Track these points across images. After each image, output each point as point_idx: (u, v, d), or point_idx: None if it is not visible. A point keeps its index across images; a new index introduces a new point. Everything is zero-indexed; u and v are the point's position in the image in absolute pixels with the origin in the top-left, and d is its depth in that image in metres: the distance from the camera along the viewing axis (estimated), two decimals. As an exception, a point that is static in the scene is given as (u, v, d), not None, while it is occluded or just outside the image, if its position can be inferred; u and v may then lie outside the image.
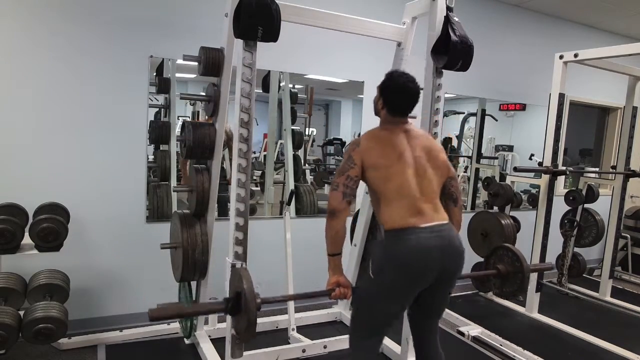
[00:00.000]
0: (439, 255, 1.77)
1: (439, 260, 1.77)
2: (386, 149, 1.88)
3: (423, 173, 1.88)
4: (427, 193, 1.85)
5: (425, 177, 1.88)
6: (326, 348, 2.87)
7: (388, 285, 1.80)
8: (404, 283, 1.78)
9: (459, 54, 2.28)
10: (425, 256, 1.75)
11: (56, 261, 2.67)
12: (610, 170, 4.75)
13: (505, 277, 2.35)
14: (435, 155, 1.95)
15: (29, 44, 2.71)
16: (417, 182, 1.85)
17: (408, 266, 1.75)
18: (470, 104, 5.00)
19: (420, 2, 2.58)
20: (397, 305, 1.87)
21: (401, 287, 1.80)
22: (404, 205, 1.80)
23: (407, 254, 1.75)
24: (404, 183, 1.83)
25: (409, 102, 1.94)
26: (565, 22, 4.89)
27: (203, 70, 2.49)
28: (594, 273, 4.97)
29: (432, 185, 1.89)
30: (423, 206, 1.81)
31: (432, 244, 1.76)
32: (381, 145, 1.89)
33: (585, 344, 3.26)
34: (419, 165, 1.88)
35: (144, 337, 2.98)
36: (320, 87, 3.98)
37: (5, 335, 2.23)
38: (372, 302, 1.87)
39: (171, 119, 3.34)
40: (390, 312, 1.88)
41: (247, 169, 2.16)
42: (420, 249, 1.75)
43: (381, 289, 1.82)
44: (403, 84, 1.92)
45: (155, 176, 3.25)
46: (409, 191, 1.82)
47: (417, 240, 1.75)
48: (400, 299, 1.85)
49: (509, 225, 3.63)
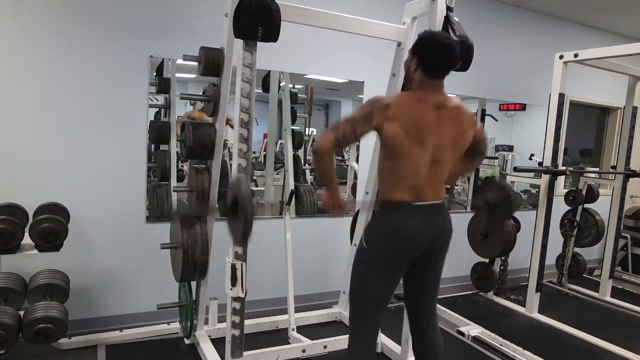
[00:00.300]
0: (428, 233, 1.83)
1: (427, 238, 1.83)
2: (413, 127, 1.75)
3: (441, 160, 1.83)
4: (435, 177, 1.85)
5: (441, 164, 1.84)
6: (326, 348, 2.87)
7: (379, 252, 1.84)
8: (394, 251, 1.83)
9: (459, 54, 2.28)
10: (414, 232, 1.81)
11: (56, 261, 2.67)
12: (610, 170, 4.75)
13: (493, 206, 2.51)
14: (461, 139, 1.87)
15: (29, 44, 2.71)
16: (430, 168, 1.82)
17: (398, 235, 1.81)
18: (470, 104, 4.99)
19: (420, 2, 2.58)
20: (389, 276, 1.87)
21: (391, 255, 1.84)
22: (408, 184, 1.81)
23: (398, 225, 1.81)
24: (417, 169, 1.80)
25: (447, 60, 1.79)
26: (565, 22, 4.89)
27: (203, 70, 2.49)
28: (594, 273, 4.97)
29: (443, 171, 1.87)
30: (424, 187, 1.82)
31: (423, 223, 1.82)
32: (409, 120, 1.74)
33: (585, 344, 3.26)
34: (439, 152, 1.82)
35: (144, 337, 2.98)
36: (320, 87, 3.98)
37: (5, 335, 2.23)
38: (366, 275, 1.89)
39: (171, 119, 3.34)
40: (382, 285, 1.87)
41: (247, 169, 2.17)
42: (411, 224, 1.81)
43: (373, 256, 1.86)
44: (438, 39, 1.80)
45: (155, 176, 3.25)
46: (418, 175, 1.81)
47: (409, 215, 1.82)
48: (390, 267, 1.86)
49: (509, 225, 3.63)
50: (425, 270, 1.96)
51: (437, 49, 1.78)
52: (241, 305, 2.21)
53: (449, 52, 1.79)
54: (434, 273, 2.00)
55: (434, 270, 1.99)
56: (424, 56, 1.79)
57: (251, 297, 2.65)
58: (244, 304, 2.24)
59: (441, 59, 1.79)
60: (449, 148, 1.84)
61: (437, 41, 1.79)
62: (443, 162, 1.85)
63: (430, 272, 1.98)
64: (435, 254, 1.92)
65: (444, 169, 1.87)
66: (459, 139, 1.87)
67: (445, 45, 1.78)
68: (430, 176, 1.83)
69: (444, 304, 3.81)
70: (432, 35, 1.82)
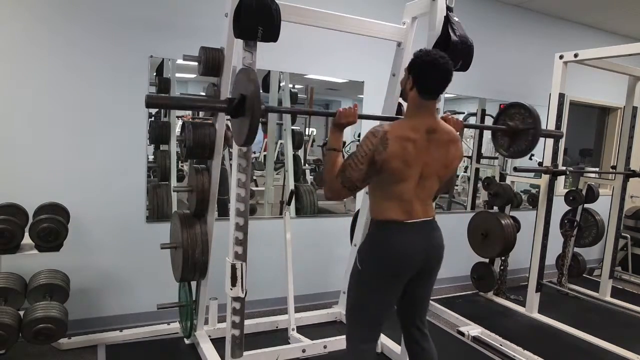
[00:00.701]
0: (422, 251, 1.85)
1: (421, 256, 1.85)
2: (408, 159, 1.77)
3: (429, 181, 1.87)
4: (424, 196, 1.88)
5: (429, 184, 1.88)
6: (326, 348, 2.87)
7: (375, 273, 1.84)
8: (390, 271, 1.83)
9: (459, 54, 2.28)
10: (409, 251, 1.82)
11: (56, 261, 2.67)
12: (610, 170, 4.75)
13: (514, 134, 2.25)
14: (450, 164, 1.91)
15: (29, 44, 2.71)
16: (419, 188, 1.85)
17: (394, 255, 1.81)
18: (470, 104, 4.99)
19: (420, 2, 2.58)
20: (386, 295, 1.89)
21: (387, 275, 1.84)
22: (399, 204, 1.83)
23: (393, 245, 1.82)
24: (408, 189, 1.82)
25: (440, 81, 1.80)
26: (565, 22, 4.89)
27: (203, 70, 2.49)
28: (594, 273, 4.97)
29: (432, 190, 1.91)
30: (415, 205, 1.85)
31: (416, 241, 1.84)
32: (406, 150, 1.76)
33: (585, 344, 3.26)
34: (429, 175, 1.86)
35: (144, 337, 2.98)
36: (320, 87, 3.98)
37: (5, 335, 2.23)
38: (361, 293, 1.89)
39: (171, 119, 3.33)
40: (379, 303, 1.88)
41: (247, 169, 2.17)
42: (405, 243, 1.82)
43: (368, 278, 1.86)
44: (434, 59, 1.77)
45: (155, 176, 3.25)
46: (409, 195, 1.83)
47: (403, 234, 1.83)
48: (384, 287, 1.87)
49: (509, 225, 3.63)
50: (419, 287, 1.96)
51: (433, 72, 1.78)
52: (241, 305, 2.21)
53: (445, 73, 1.79)
54: (426, 288, 2.01)
55: (427, 285, 2.00)
56: (419, 77, 1.80)
57: (251, 297, 2.65)
58: (244, 304, 2.24)
59: (436, 81, 1.80)
60: (439, 169, 1.87)
61: (433, 64, 1.77)
62: (430, 182, 1.88)
63: (423, 287, 1.99)
64: (429, 270, 1.93)
65: (432, 188, 1.91)
66: (449, 159, 1.90)
67: (440, 67, 1.77)
68: (419, 194, 1.85)
69: (444, 304, 3.81)
70: (427, 56, 1.79)
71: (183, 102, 2.15)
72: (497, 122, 2.39)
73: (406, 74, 1.87)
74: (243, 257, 2.19)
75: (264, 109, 1.75)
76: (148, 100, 1.79)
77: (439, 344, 3.20)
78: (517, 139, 2.29)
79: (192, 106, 2.22)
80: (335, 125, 1.94)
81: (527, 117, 2.26)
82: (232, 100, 1.87)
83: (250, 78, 1.83)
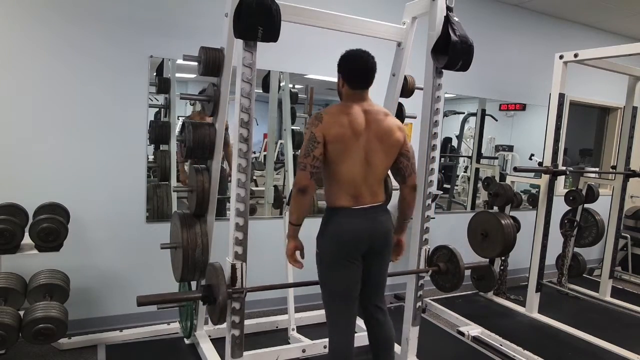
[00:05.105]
0: (366, 235, 2.04)
1: (366, 239, 2.04)
2: (345, 126, 1.98)
3: (372, 160, 2.04)
4: (370, 180, 2.05)
5: (373, 164, 2.04)
6: (326, 348, 2.86)
7: (328, 254, 2.05)
8: (339, 251, 2.03)
9: (459, 54, 2.28)
10: (354, 234, 2.02)
11: (56, 261, 2.67)
12: (610, 170, 4.75)
13: (445, 273, 2.66)
14: (389, 137, 2.07)
15: (29, 44, 2.71)
16: (364, 170, 2.03)
17: (339, 238, 2.03)
18: (470, 104, 5.00)
19: (420, 2, 2.58)
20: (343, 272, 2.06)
21: (338, 255, 2.03)
22: (346, 189, 2.02)
23: (339, 229, 2.03)
24: (352, 169, 2.00)
25: (365, 73, 2.05)
26: (565, 22, 4.89)
27: (203, 70, 2.48)
28: (594, 273, 4.98)
29: (377, 172, 2.07)
30: (362, 190, 2.03)
31: (361, 225, 2.03)
32: (342, 121, 1.98)
33: (585, 344, 3.26)
34: (371, 151, 2.03)
35: (144, 337, 2.98)
36: (320, 87, 3.98)
37: (5, 335, 2.23)
38: (326, 276, 2.10)
39: (171, 119, 3.34)
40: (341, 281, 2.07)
41: (247, 169, 2.16)
42: (350, 227, 2.02)
43: (325, 258, 2.07)
44: (357, 55, 2.06)
45: (155, 176, 3.25)
46: (354, 177, 2.01)
47: (349, 220, 2.03)
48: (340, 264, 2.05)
49: (509, 225, 3.62)
50: (373, 266, 2.15)
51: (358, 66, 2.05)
52: (241, 305, 2.21)
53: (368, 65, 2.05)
54: (380, 268, 2.21)
55: (380, 265, 2.20)
56: (346, 72, 2.07)
57: (251, 297, 2.65)
58: (244, 304, 2.24)
59: (363, 74, 2.06)
60: (379, 144, 2.04)
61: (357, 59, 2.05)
62: (374, 162, 2.05)
63: (376, 267, 2.18)
64: (378, 252, 2.12)
65: (377, 170, 2.07)
66: (387, 132, 2.06)
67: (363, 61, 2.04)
68: (366, 180, 2.04)
69: (444, 304, 3.81)
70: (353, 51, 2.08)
71: (166, 297, 2.28)
72: (431, 262, 2.72)
73: (339, 75, 2.11)
74: (243, 257, 2.19)
75: (231, 292, 2.14)
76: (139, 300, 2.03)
77: (439, 344, 3.23)
78: (445, 277, 2.72)
79: (175, 299, 2.42)
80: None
81: (452, 258, 2.65)
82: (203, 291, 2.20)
83: (216, 272, 2.13)
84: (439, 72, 2.46)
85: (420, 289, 2.65)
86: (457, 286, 2.67)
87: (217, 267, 2.17)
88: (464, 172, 5.38)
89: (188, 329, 2.85)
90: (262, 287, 2.44)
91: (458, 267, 2.62)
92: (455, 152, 5.34)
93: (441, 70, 2.45)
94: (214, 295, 2.15)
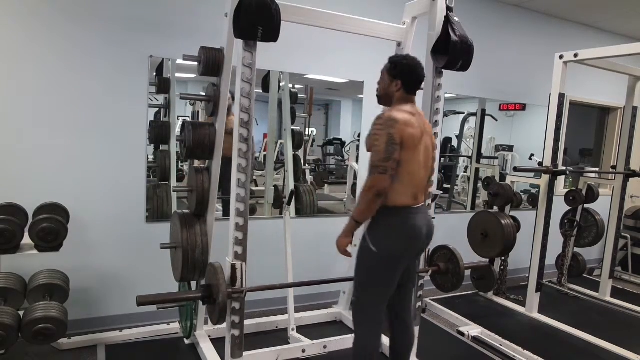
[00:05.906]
0: (425, 230, 2.13)
1: (424, 233, 2.13)
2: (415, 127, 2.03)
3: (426, 164, 2.13)
4: (425, 179, 2.15)
5: (426, 168, 2.14)
6: (326, 348, 2.87)
7: (389, 252, 2.06)
8: (401, 252, 2.08)
9: (459, 54, 2.29)
10: (416, 230, 2.09)
11: (56, 261, 2.67)
12: (610, 170, 4.75)
13: (445, 273, 2.68)
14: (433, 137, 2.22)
15: (29, 44, 2.71)
16: (424, 169, 2.11)
17: (406, 235, 2.07)
18: (470, 104, 5.00)
19: (420, 2, 2.58)
20: (397, 272, 2.11)
21: (399, 253, 2.07)
22: (410, 188, 2.07)
23: (406, 226, 2.07)
24: (417, 169, 2.06)
25: (422, 81, 2.16)
26: (565, 22, 4.89)
27: (203, 70, 2.48)
28: (594, 273, 4.97)
29: (429, 171, 2.19)
30: (420, 189, 2.13)
31: (421, 222, 2.11)
32: (411, 122, 2.02)
33: (585, 344, 3.26)
34: (426, 150, 2.11)
35: (144, 337, 2.98)
36: (320, 87, 3.98)
37: (4, 336, 2.23)
38: (376, 274, 2.09)
39: (171, 119, 3.33)
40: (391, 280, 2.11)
41: (247, 169, 2.16)
42: (414, 224, 2.08)
43: (383, 256, 2.06)
44: (418, 65, 2.13)
45: (155, 176, 3.25)
46: (417, 176, 2.08)
47: (413, 217, 2.09)
48: (397, 264, 2.09)
49: (509, 225, 3.62)
50: (412, 266, 2.28)
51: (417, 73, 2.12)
52: (241, 305, 2.21)
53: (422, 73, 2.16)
54: (417, 265, 2.39)
55: (418, 262, 2.39)
56: (407, 79, 2.11)
57: (251, 297, 2.65)
58: (244, 304, 2.24)
59: (420, 80, 2.15)
60: (430, 149, 2.15)
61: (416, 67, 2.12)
62: (426, 166, 2.14)
63: (415, 265, 2.33)
64: (423, 247, 2.26)
65: (429, 170, 2.18)
66: (432, 136, 2.21)
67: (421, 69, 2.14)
68: (423, 179, 2.14)
69: (444, 304, 3.81)
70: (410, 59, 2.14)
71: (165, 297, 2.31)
72: (432, 261, 2.73)
73: (389, 78, 2.13)
74: (243, 257, 2.19)
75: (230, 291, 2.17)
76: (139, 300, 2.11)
77: (439, 344, 3.23)
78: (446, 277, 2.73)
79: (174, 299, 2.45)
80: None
81: (452, 258, 2.66)
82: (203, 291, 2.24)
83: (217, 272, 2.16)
84: (439, 72, 2.46)
85: (420, 289, 2.65)
86: (457, 286, 2.67)
87: (217, 267, 2.17)
88: (464, 172, 5.38)
89: (188, 329, 2.85)
90: (262, 287, 2.46)
91: (458, 267, 2.62)
92: (455, 152, 5.34)
93: (441, 70, 2.45)
94: (213, 295, 2.15)
